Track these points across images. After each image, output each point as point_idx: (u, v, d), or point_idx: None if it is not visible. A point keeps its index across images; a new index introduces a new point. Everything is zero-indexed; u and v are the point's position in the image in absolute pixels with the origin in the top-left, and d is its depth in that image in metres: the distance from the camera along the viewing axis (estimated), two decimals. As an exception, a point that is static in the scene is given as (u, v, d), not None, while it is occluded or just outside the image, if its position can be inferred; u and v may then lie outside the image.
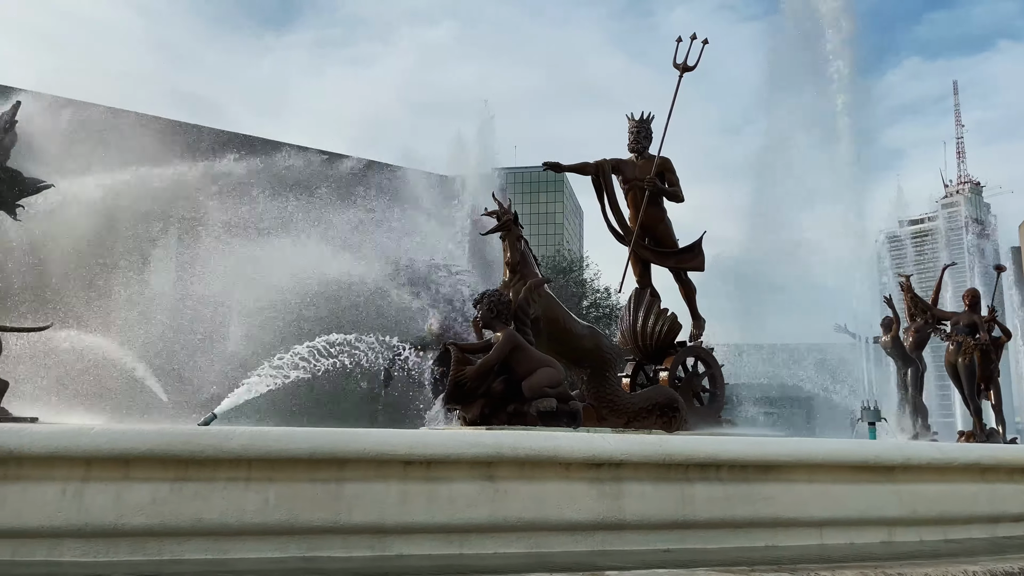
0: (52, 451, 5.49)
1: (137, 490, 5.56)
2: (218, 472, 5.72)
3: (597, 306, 48.80)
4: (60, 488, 5.49)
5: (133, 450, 5.55)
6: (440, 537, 6.04)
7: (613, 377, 11.82)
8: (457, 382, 8.78)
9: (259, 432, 5.89)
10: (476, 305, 9.61)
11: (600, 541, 6.37)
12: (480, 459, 6.21)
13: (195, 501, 5.64)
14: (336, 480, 5.91)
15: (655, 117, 13.91)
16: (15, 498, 5.45)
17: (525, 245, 11.72)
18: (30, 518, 5.42)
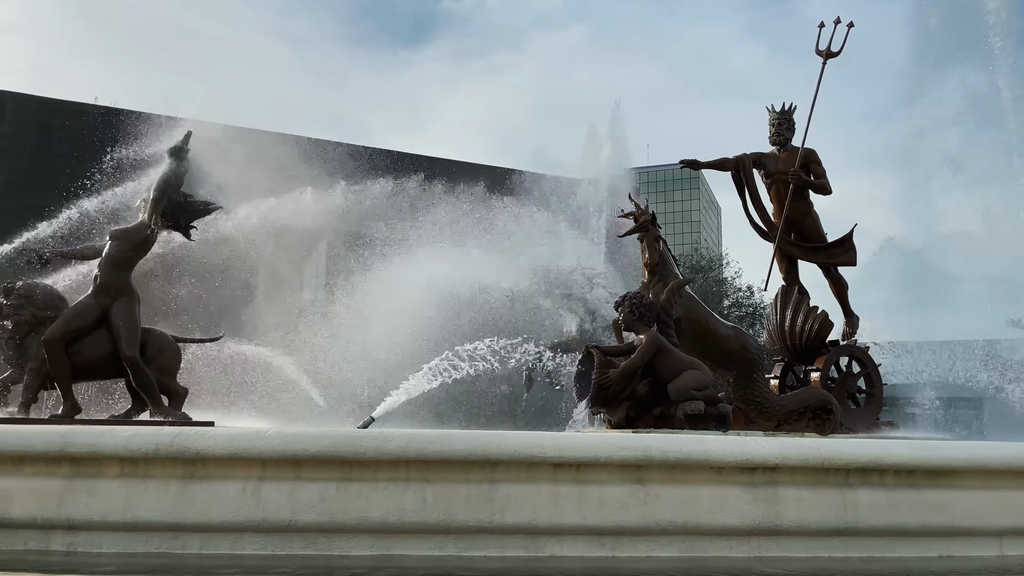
0: (233, 452, 5.97)
1: (307, 489, 5.95)
2: (379, 473, 6.03)
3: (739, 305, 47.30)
4: (240, 487, 5.95)
5: (303, 452, 5.94)
6: (592, 539, 6.09)
7: (760, 379, 11.48)
8: (601, 385, 8.80)
9: (415, 435, 6.15)
10: (617, 307, 9.60)
11: (756, 547, 6.21)
12: (629, 462, 6.20)
13: (359, 500, 5.96)
14: (489, 481, 6.08)
15: (797, 107, 13.40)
16: (202, 496, 5.96)
17: (664, 245, 11.59)
18: (215, 514, 5.91)
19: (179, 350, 11.68)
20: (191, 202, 11.71)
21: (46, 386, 10.78)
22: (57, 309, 10.82)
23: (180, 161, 11.50)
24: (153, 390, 10.85)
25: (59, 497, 5.95)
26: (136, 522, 5.90)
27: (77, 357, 10.67)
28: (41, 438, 6.07)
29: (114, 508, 5.89)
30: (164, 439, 5.95)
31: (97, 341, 10.75)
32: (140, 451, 5.94)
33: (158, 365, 11.09)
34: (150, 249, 11.43)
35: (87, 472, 6.02)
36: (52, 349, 10.45)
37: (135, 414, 11.19)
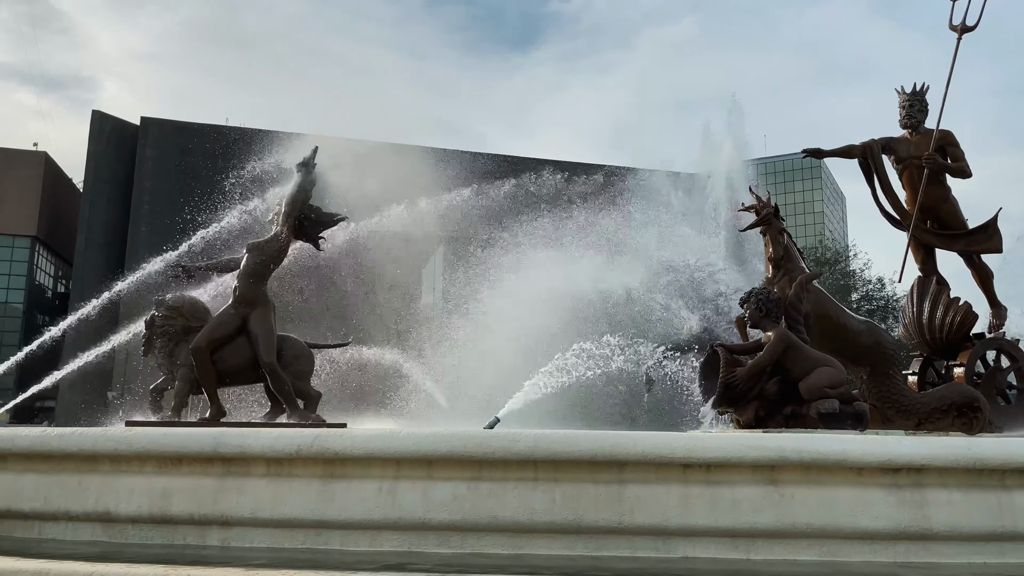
0: (369, 453, 6.21)
1: (440, 488, 6.11)
2: (508, 472, 6.12)
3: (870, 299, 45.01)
4: (377, 486, 6.18)
5: (435, 451, 6.11)
6: (725, 541, 5.96)
7: (897, 375, 10.91)
8: (728, 384, 8.60)
9: (543, 435, 6.20)
10: (743, 304, 9.35)
11: (903, 552, 5.90)
12: (762, 463, 6.03)
13: (490, 499, 6.07)
14: (617, 482, 6.05)
15: (930, 87, 12.65)
16: (341, 494, 6.23)
17: (788, 238, 11.21)
18: (354, 512, 6.17)
19: (312, 355, 12.26)
20: (319, 214, 12.28)
21: (195, 391, 11.57)
22: (203, 319, 11.60)
23: (308, 175, 12.09)
24: (290, 394, 11.45)
25: (213, 495, 6.36)
26: (282, 519, 6.23)
27: (221, 364, 11.40)
28: (196, 440, 6.51)
29: (262, 505, 6.25)
30: (305, 440, 6.26)
31: (238, 349, 11.45)
32: (284, 452, 6.27)
33: (294, 370, 11.69)
34: (283, 260, 12.06)
35: (237, 471, 6.41)
36: (199, 357, 11.21)
37: (273, 417, 11.83)
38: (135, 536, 6.56)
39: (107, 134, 66.87)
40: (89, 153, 66.80)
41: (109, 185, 66.16)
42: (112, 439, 6.74)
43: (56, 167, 76.79)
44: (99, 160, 66.67)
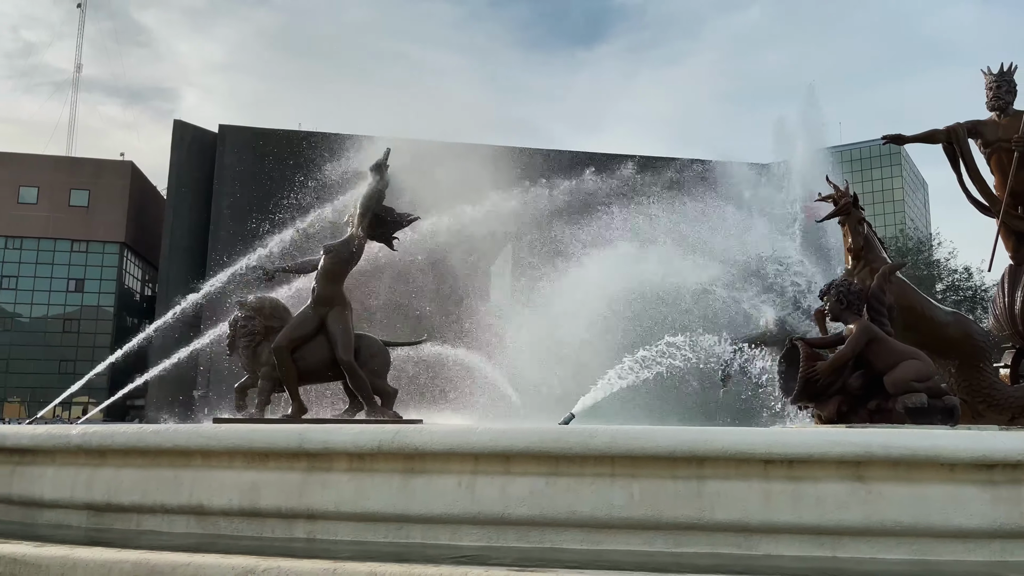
0: (448, 448, 6.31)
1: (518, 483, 6.16)
2: (585, 468, 6.13)
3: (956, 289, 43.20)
4: (456, 481, 6.28)
5: (512, 447, 6.17)
6: (809, 539, 5.84)
7: (988, 368, 10.44)
8: (808, 379, 8.38)
9: (619, 431, 6.19)
10: (822, 296, 9.10)
11: (999, 550, 5.68)
12: (847, 459, 5.88)
13: (567, 495, 6.09)
14: (696, 478, 6.00)
15: (1017, 67, 12.05)
16: (422, 489, 6.35)
17: (868, 228, 10.87)
18: (435, 506, 6.28)
19: (388, 353, 12.50)
20: (393, 214, 12.50)
21: (277, 389, 11.93)
22: (283, 319, 11.95)
23: (381, 177, 12.31)
24: (368, 391, 11.70)
25: (299, 489, 6.57)
26: (365, 512, 6.39)
27: (301, 363, 11.73)
28: (282, 436, 6.74)
29: (346, 499, 6.42)
30: (386, 436, 6.41)
31: (317, 348, 11.76)
32: (366, 447, 6.43)
33: (371, 368, 11.94)
34: (359, 260, 12.33)
35: (321, 466, 6.60)
36: (280, 356, 11.56)
37: (352, 414, 12.10)
38: (226, 528, 6.83)
39: (188, 142, 69.45)
40: (172, 161, 69.51)
41: (191, 191, 68.72)
42: (203, 435, 7.03)
43: (141, 175, 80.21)
44: (181, 167, 69.30)
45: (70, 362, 68.87)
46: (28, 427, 9.35)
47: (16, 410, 66.54)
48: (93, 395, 55.05)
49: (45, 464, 7.73)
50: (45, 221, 73.40)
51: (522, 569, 4.63)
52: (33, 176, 74.00)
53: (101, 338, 71.82)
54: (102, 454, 7.40)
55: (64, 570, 5.30)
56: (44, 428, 8.20)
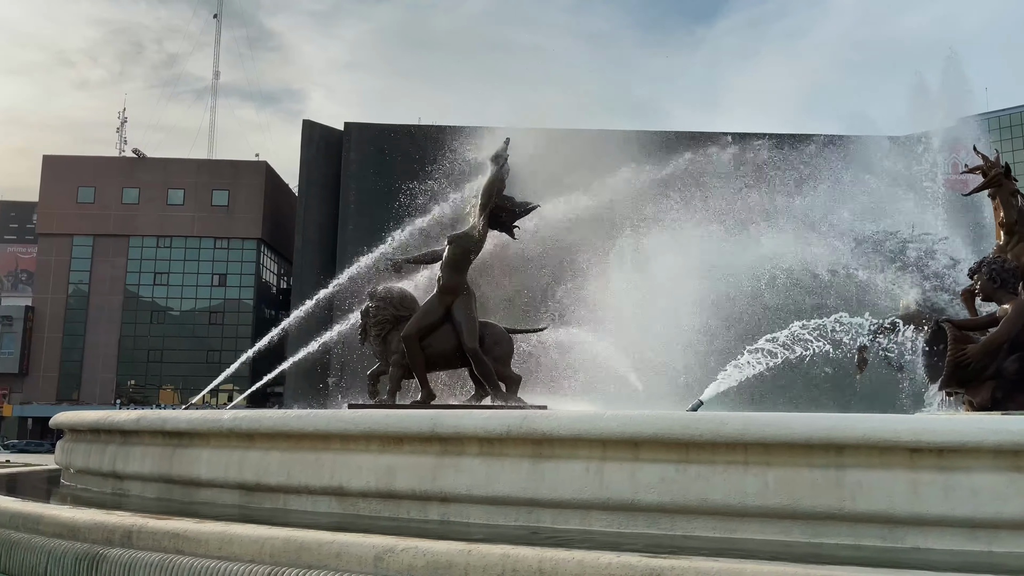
0: (576, 434, 6.34)
1: (647, 470, 6.12)
2: (717, 455, 6.00)
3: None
4: (584, 466, 6.30)
5: (641, 433, 6.12)
6: (962, 532, 5.50)
7: None
8: (958, 363, 7.87)
9: (752, 417, 6.02)
10: (972, 275, 8.51)
11: None
12: (1005, 448, 5.49)
13: (698, 482, 5.99)
14: (835, 466, 5.76)
15: None
16: (550, 474, 6.41)
17: (1021, 201, 10.07)
18: (564, 491, 6.32)
19: (511, 340, 12.68)
20: (513, 203, 12.65)
21: (407, 376, 12.34)
22: (411, 309, 12.34)
23: (501, 166, 12.47)
24: (493, 378, 11.92)
25: (432, 472, 6.78)
26: (496, 496, 6.52)
27: (429, 350, 12.09)
28: (415, 421, 6.96)
29: (477, 483, 6.57)
30: (514, 421, 6.50)
31: (444, 335, 12.08)
32: (495, 432, 6.55)
33: (495, 355, 12.15)
34: (481, 249, 12.54)
35: (453, 450, 6.78)
36: (409, 343, 11.94)
37: (478, 400, 12.36)
38: (365, 509, 7.15)
39: (316, 141, 72.63)
40: (301, 160, 72.93)
41: (320, 187, 71.89)
42: (341, 420, 7.37)
43: (275, 174, 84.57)
44: (310, 165, 72.61)
45: (216, 352, 73.76)
46: (184, 412, 10.10)
47: (171, 396, 71.97)
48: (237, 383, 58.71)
49: (201, 446, 8.32)
50: (191, 221, 78.77)
51: (654, 555, 4.59)
52: (180, 179, 79.53)
53: (243, 329, 76.47)
54: (251, 437, 7.89)
55: (222, 544, 5.70)
56: (199, 413, 8.83)
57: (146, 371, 76.22)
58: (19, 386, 75.69)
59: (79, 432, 10.68)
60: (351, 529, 5.80)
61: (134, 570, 5.84)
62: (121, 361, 76.75)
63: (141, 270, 78.85)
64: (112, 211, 78.30)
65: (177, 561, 5.70)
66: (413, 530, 6.18)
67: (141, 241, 78.82)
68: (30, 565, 6.52)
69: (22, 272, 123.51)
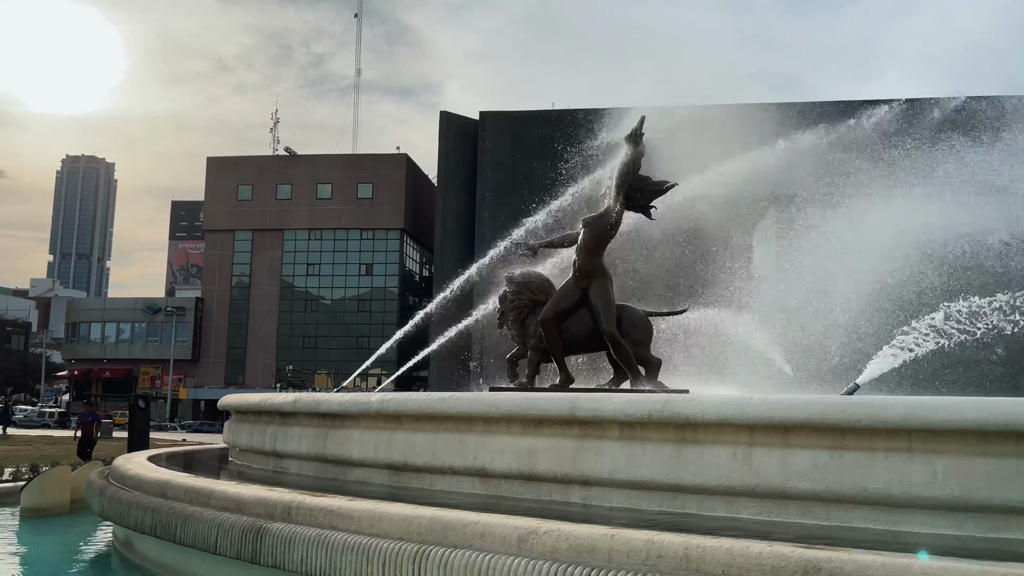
0: (720, 418, 6.12)
1: (799, 456, 5.82)
2: (876, 442, 5.63)
3: None
4: (731, 452, 6.07)
5: (792, 418, 5.82)
6: None
7: None
8: None
9: (916, 402, 5.60)
10: None
11: None
12: None
13: (856, 470, 5.63)
14: (1015, 455, 5.26)
15: None
16: (695, 459, 6.23)
17: None
18: (709, 477, 6.13)
19: (650, 323, 12.45)
20: (649, 183, 12.37)
21: (545, 360, 12.39)
22: (548, 293, 12.35)
23: (636, 146, 12.21)
24: (631, 361, 11.74)
25: (573, 455, 6.76)
26: (638, 481, 6.41)
27: (566, 334, 12.06)
28: (555, 404, 6.96)
29: (618, 467, 6.49)
30: (656, 405, 6.36)
31: (581, 319, 12.01)
32: (636, 416, 6.44)
33: (633, 338, 11.96)
34: (617, 231, 12.36)
35: (593, 434, 6.73)
36: (546, 328, 11.96)
37: (616, 384, 12.22)
38: (507, 490, 7.23)
39: (452, 131, 74.27)
40: (439, 150, 74.84)
41: (457, 177, 73.53)
42: (482, 402, 7.48)
43: (415, 166, 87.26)
44: (448, 155, 74.38)
45: (364, 338, 77.26)
46: (336, 395, 10.59)
47: (324, 381, 76.15)
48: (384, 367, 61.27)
49: (352, 427, 8.70)
50: (338, 213, 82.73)
51: (809, 546, 4.34)
52: (327, 174, 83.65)
53: (389, 316, 79.69)
54: (397, 419, 8.17)
55: (372, 522, 5.92)
56: (349, 396, 9.23)
57: (302, 356, 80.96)
58: (192, 371, 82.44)
59: (243, 413, 11.45)
60: (494, 510, 5.87)
61: (294, 544, 6.17)
62: (280, 347, 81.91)
63: (295, 261, 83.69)
64: (268, 207, 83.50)
65: (332, 536, 5.97)
66: (555, 513, 6.17)
67: (294, 234, 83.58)
68: (202, 536, 7.04)
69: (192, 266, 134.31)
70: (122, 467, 10.02)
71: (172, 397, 77.72)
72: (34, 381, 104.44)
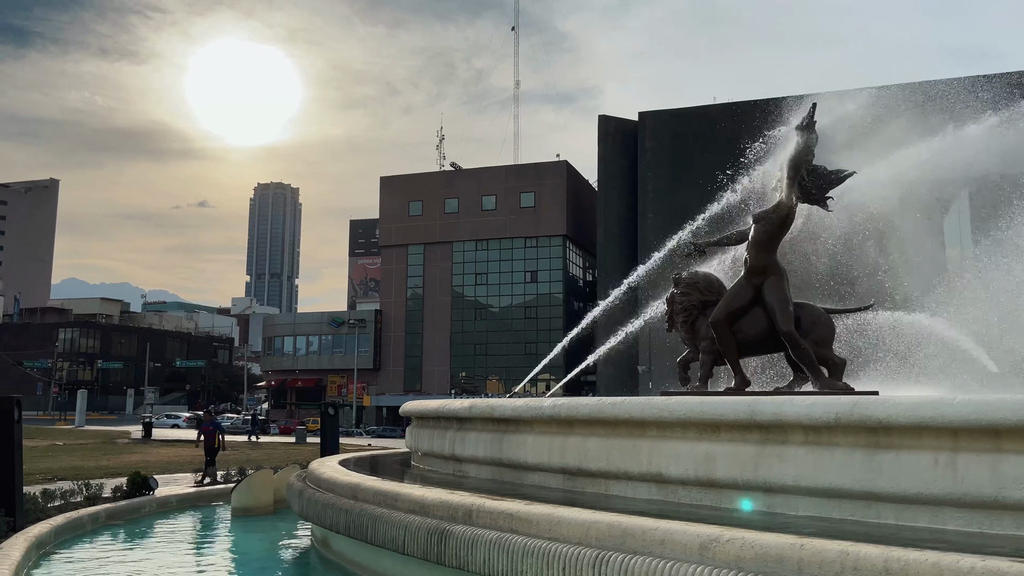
0: (918, 421, 5.66)
1: (1012, 462, 5.27)
2: (1109, 447, 4.99)
3: None
4: (931, 457, 5.60)
5: (1003, 421, 5.28)
6: None
7: None
8: None
9: None
10: None
11: None
12: None
13: (1085, 479, 5.03)
14: None
15: None
16: (889, 465, 5.80)
17: None
18: (907, 485, 5.68)
19: (831, 321, 11.76)
20: (824, 173, 11.71)
21: (718, 362, 12.01)
22: (718, 293, 11.98)
23: (808, 135, 11.60)
24: (812, 362, 11.12)
25: (753, 461, 6.49)
26: (827, 488, 6.06)
27: (739, 335, 11.63)
28: (732, 407, 6.73)
29: (804, 474, 6.16)
30: (843, 408, 5.99)
31: (754, 319, 11.54)
32: (821, 420, 6.09)
33: (813, 337, 11.33)
34: (791, 226, 11.79)
35: (775, 439, 6.43)
36: (718, 329, 11.60)
37: (796, 386, 11.63)
38: (685, 496, 7.07)
39: (611, 134, 74.02)
40: (599, 155, 74.81)
41: (618, 180, 73.15)
42: (656, 407, 7.36)
43: (575, 172, 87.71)
44: (607, 159, 74.20)
45: (532, 343, 78.54)
46: (509, 400, 10.82)
47: (495, 386, 78.09)
48: (552, 372, 61.90)
49: (525, 432, 8.85)
50: (503, 223, 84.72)
51: (1032, 563, 3.91)
52: (491, 186, 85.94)
53: (555, 322, 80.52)
54: (569, 424, 8.22)
55: (551, 526, 5.99)
56: (522, 401, 9.40)
57: (473, 363, 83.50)
58: (374, 379, 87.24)
59: (423, 419, 11.96)
60: (672, 517, 5.75)
61: (476, 546, 6.36)
62: (453, 355, 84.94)
63: (464, 272, 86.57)
64: (437, 221, 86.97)
65: (512, 540, 6.10)
66: (736, 520, 5.97)
67: (463, 246, 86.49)
68: (391, 537, 7.42)
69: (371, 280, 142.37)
70: (317, 470, 10.76)
71: (357, 404, 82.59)
72: (237, 391, 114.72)
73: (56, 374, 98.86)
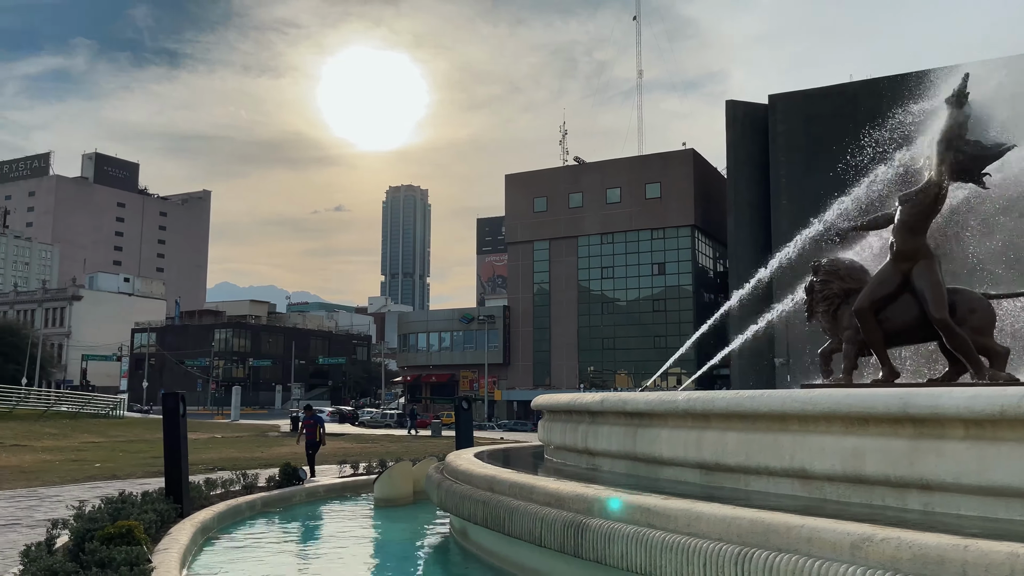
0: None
1: None
2: None
3: None
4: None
5: None
6: None
7: None
8: None
9: None
10: None
11: None
12: None
13: None
14: None
15: None
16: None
17: None
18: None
19: (991, 307, 10.90)
20: (977, 148, 10.86)
21: (863, 353, 11.38)
22: (861, 280, 11.36)
23: (960, 108, 10.81)
24: (971, 351, 10.36)
25: (907, 457, 6.12)
26: (993, 486, 5.63)
27: (886, 324, 10.99)
28: (882, 400, 6.36)
29: (966, 471, 5.75)
30: (1010, 400, 5.54)
31: (903, 306, 10.87)
32: (984, 413, 5.66)
33: (971, 325, 10.55)
34: (942, 206, 11.03)
35: (931, 433, 6.03)
36: (863, 318, 11.00)
37: (953, 377, 10.87)
38: (832, 493, 6.75)
39: (740, 120, 71.63)
40: (728, 141, 72.58)
41: (748, 166, 70.72)
42: (798, 400, 7.07)
43: (702, 160, 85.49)
44: (736, 145, 71.88)
45: (661, 337, 77.27)
46: (642, 394, 10.71)
47: (624, 380, 77.43)
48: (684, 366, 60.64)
49: (659, 426, 8.73)
50: (628, 216, 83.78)
51: None
52: (615, 178, 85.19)
53: (684, 314, 78.86)
54: (706, 418, 8.03)
55: (690, 521, 5.88)
56: (655, 395, 9.26)
57: (602, 357, 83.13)
58: (504, 374, 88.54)
59: (554, 413, 12.02)
60: (819, 514, 5.51)
61: (613, 540, 6.33)
62: (580, 349, 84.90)
63: (590, 266, 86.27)
64: (562, 216, 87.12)
65: (650, 534, 6.03)
66: (889, 519, 5.64)
67: (588, 240, 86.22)
68: (527, 529, 7.50)
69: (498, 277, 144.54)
70: (454, 463, 11.04)
71: (488, 398, 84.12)
72: (376, 386, 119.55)
73: (213, 371, 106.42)
